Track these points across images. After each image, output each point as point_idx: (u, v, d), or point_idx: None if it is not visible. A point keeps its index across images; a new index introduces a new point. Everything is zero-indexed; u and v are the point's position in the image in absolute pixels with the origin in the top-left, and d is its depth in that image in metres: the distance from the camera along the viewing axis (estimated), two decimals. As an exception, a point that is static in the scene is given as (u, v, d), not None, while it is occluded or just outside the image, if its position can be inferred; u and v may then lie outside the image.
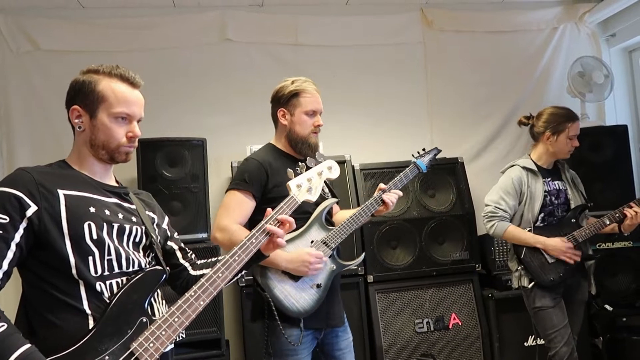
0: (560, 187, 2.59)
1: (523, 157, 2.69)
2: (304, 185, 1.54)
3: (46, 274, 1.23)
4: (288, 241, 1.88)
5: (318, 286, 1.93)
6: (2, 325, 1.11)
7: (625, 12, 3.76)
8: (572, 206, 2.58)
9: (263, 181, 1.94)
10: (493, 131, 3.86)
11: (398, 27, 3.84)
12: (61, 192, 1.25)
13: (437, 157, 2.37)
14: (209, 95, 3.55)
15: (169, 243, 1.55)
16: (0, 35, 3.30)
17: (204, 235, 3.06)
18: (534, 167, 2.59)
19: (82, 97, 1.34)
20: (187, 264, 1.55)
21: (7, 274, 1.19)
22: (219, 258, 1.41)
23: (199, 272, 1.53)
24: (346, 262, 2.01)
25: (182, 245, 1.59)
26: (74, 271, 1.22)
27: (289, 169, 1.69)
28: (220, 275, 1.32)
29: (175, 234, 1.59)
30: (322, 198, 2.00)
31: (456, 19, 3.88)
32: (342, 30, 3.75)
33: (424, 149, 2.35)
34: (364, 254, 2.12)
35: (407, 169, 2.19)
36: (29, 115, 3.29)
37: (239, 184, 1.94)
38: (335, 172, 1.66)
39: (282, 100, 2.05)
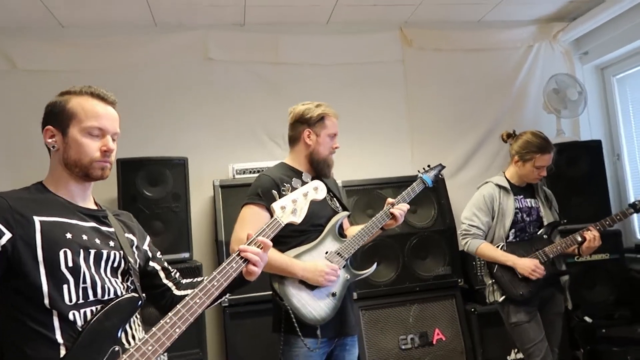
0: (533, 205, 2.64)
1: (498, 174, 2.74)
2: (288, 207, 1.55)
3: (19, 303, 1.20)
4: (304, 252, 2.02)
5: (333, 295, 2.02)
6: None
7: (597, 30, 3.90)
8: (545, 223, 2.63)
9: (276, 195, 1.97)
10: (472, 147, 3.93)
11: (378, 45, 3.90)
12: (37, 219, 1.23)
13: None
14: (191, 114, 3.55)
15: (151, 263, 1.53)
16: (-23, 55, 3.27)
17: (186, 255, 3.03)
18: (506, 185, 2.63)
19: (54, 117, 1.34)
20: (170, 284, 1.53)
21: None
22: (204, 278, 1.39)
23: (183, 292, 1.51)
24: (359, 271, 2.11)
25: (166, 265, 1.57)
26: (46, 300, 1.19)
27: (273, 190, 1.70)
28: (197, 301, 1.29)
29: (158, 253, 1.57)
30: (333, 211, 2.15)
31: (435, 37, 3.97)
32: (323, 48, 3.80)
33: (429, 165, 2.46)
34: (375, 264, 2.19)
35: (413, 183, 2.29)
36: (7, 135, 3.24)
37: (253, 198, 2.04)
38: (321, 193, 1.67)
39: (311, 122, 2.16)
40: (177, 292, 1.51)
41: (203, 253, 3.33)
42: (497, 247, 2.56)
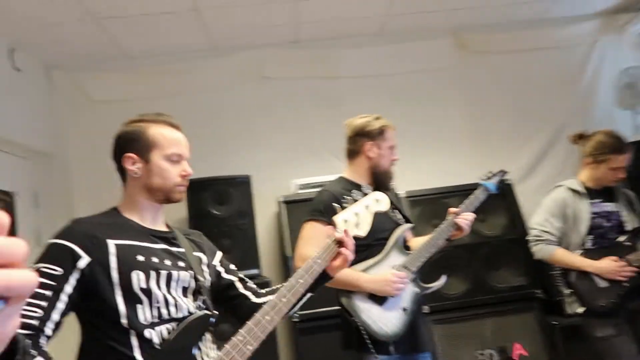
0: (612, 209, 2.45)
1: (572, 177, 2.58)
2: (351, 220, 1.53)
3: (99, 323, 1.26)
4: (370, 267, 1.98)
5: (404, 310, 1.97)
6: None
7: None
8: (628, 229, 2.43)
9: (337, 209, 1.97)
10: (540, 150, 3.76)
11: (433, 52, 3.84)
12: (111, 242, 1.29)
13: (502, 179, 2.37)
14: (252, 133, 3.62)
15: (226, 276, 1.55)
16: (57, 90, 3.49)
17: (255, 271, 3.07)
18: (580, 188, 2.46)
19: (134, 145, 1.40)
20: (248, 293, 1.55)
21: (58, 325, 1.21)
22: (283, 284, 1.40)
23: (262, 300, 1.52)
24: (428, 284, 2.05)
25: (242, 275, 1.60)
26: (123, 320, 1.25)
27: (335, 204, 1.69)
28: (267, 318, 1.30)
29: (231, 266, 1.61)
30: (396, 224, 2.09)
31: (492, 39, 3.86)
32: (377, 59, 3.79)
33: (490, 172, 2.35)
34: (445, 276, 2.11)
35: (475, 191, 2.21)
36: (89, 165, 3.42)
37: (314, 214, 2.04)
38: (384, 205, 1.64)
39: (372, 135, 2.14)
40: (255, 300, 1.53)
41: (271, 268, 3.36)
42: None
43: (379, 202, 1.62)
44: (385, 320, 1.92)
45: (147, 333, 1.25)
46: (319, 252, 1.42)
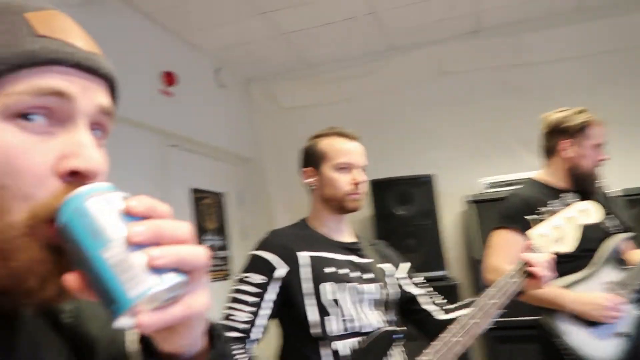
0: None
1: None
2: (550, 235, 1.35)
3: (292, 330, 1.34)
4: (576, 282, 1.73)
5: (621, 335, 1.67)
6: None
7: None
8: None
9: (529, 219, 1.81)
10: None
11: (636, 27, 3.26)
12: (302, 254, 1.36)
13: None
14: (434, 131, 3.52)
15: (410, 289, 1.52)
16: (253, 100, 3.88)
17: (442, 272, 2.98)
18: None
19: (309, 159, 1.48)
20: (432, 308, 1.49)
21: (265, 328, 1.31)
22: (473, 301, 1.31)
23: (450, 316, 1.45)
24: None
25: (428, 290, 1.54)
26: (313, 330, 1.29)
27: (526, 214, 1.53)
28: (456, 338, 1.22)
29: (418, 278, 1.56)
30: (606, 232, 1.78)
31: None
32: (570, 40, 3.35)
33: None
34: None
35: None
36: (280, 167, 3.72)
37: (504, 221, 1.85)
38: (592, 216, 1.43)
39: (570, 131, 1.88)
40: (441, 317, 1.45)
41: (460, 271, 3.23)
42: None
43: (586, 213, 1.42)
44: (596, 346, 1.65)
45: (335, 345, 1.28)
46: (514, 270, 1.29)
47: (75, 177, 0.42)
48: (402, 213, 3.09)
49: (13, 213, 0.40)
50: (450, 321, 1.33)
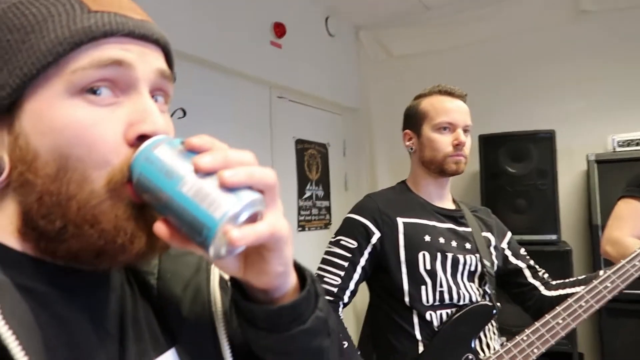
0: None
1: None
2: None
3: (385, 297, 1.33)
4: None
5: None
6: (344, 344, 1.24)
7: None
8: None
9: None
10: None
11: None
12: (400, 220, 1.32)
13: None
14: (559, 81, 3.13)
15: (514, 261, 1.45)
16: (362, 48, 3.80)
17: (553, 237, 2.76)
18: None
19: (410, 121, 1.43)
20: (537, 283, 1.40)
21: (354, 292, 1.33)
22: (579, 278, 1.21)
23: (554, 293, 1.35)
24: None
25: (532, 263, 1.46)
26: (406, 299, 1.27)
27: None
28: (583, 305, 1.12)
29: (522, 250, 1.47)
30: None
31: None
32: None
33: None
34: None
35: None
36: (386, 119, 3.64)
37: (631, 190, 1.67)
38: None
39: None
40: (545, 293, 1.37)
41: (573, 237, 2.96)
42: None
43: None
44: None
45: (428, 315, 1.26)
46: (636, 253, 1.15)
47: (143, 140, 0.45)
48: (514, 171, 2.88)
49: (93, 181, 0.44)
50: (555, 298, 1.26)
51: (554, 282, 1.40)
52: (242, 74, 2.69)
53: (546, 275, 1.44)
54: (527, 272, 1.43)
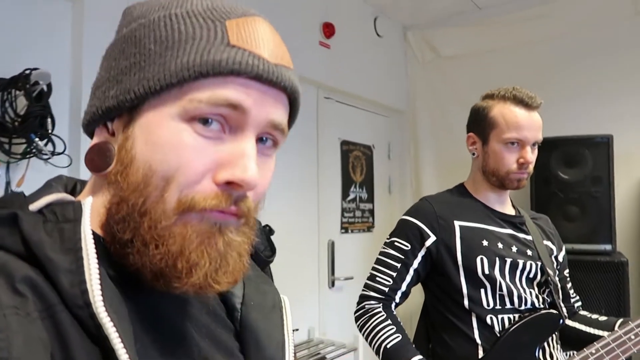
0: None
1: None
2: None
3: (443, 298, 1.31)
4: None
5: None
6: (398, 337, 1.24)
7: None
8: None
9: None
10: None
11: None
12: (457, 224, 1.30)
13: None
14: (619, 83, 3.00)
15: (560, 277, 1.41)
16: (410, 48, 3.75)
17: (608, 247, 2.64)
18: None
19: (476, 124, 1.37)
20: (564, 308, 1.35)
21: (405, 294, 1.33)
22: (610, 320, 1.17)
23: (572, 324, 1.32)
24: None
25: (569, 286, 1.42)
26: (465, 302, 1.25)
27: None
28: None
29: (567, 271, 1.43)
30: None
31: None
32: None
33: None
34: None
35: None
36: (433, 121, 3.58)
37: None
38: None
39: None
40: (566, 322, 1.33)
41: (630, 247, 2.83)
42: None
43: None
44: None
45: (489, 319, 1.24)
46: None
47: (230, 186, 0.46)
48: (566, 177, 2.77)
49: (168, 202, 0.45)
50: (571, 329, 1.26)
51: (582, 313, 1.38)
52: (293, 75, 2.71)
53: (577, 304, 1.41)
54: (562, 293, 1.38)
